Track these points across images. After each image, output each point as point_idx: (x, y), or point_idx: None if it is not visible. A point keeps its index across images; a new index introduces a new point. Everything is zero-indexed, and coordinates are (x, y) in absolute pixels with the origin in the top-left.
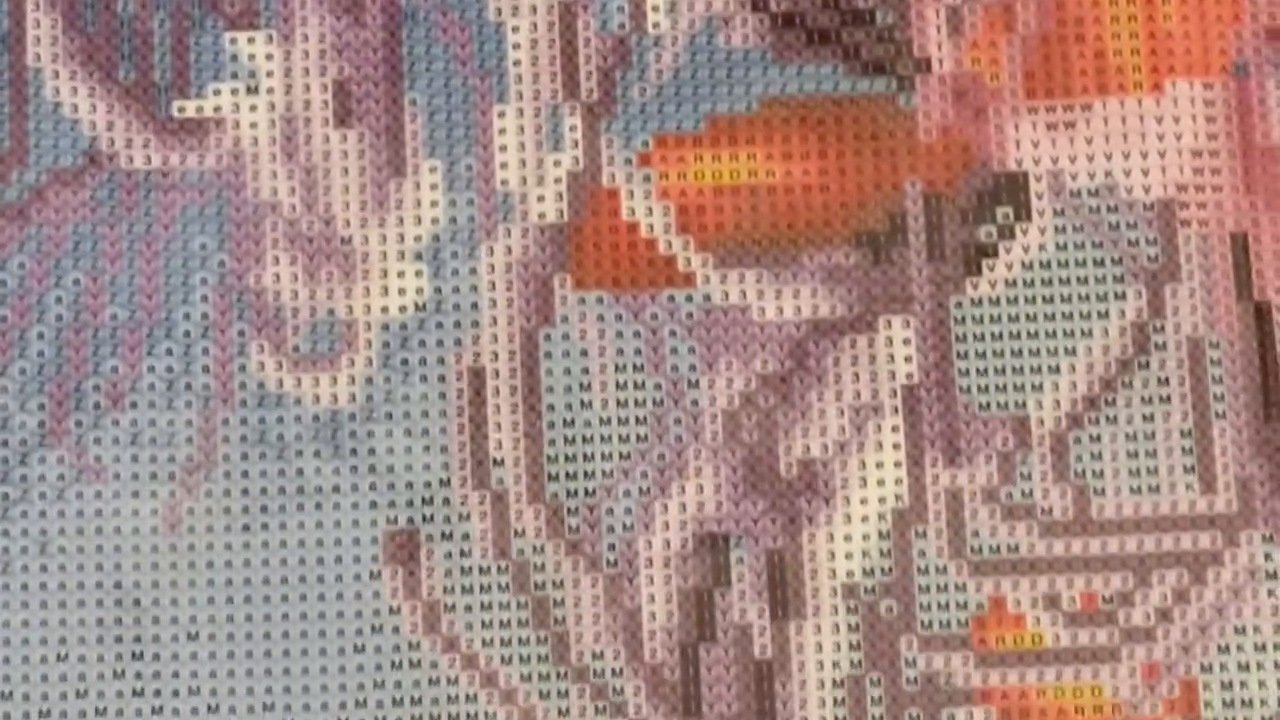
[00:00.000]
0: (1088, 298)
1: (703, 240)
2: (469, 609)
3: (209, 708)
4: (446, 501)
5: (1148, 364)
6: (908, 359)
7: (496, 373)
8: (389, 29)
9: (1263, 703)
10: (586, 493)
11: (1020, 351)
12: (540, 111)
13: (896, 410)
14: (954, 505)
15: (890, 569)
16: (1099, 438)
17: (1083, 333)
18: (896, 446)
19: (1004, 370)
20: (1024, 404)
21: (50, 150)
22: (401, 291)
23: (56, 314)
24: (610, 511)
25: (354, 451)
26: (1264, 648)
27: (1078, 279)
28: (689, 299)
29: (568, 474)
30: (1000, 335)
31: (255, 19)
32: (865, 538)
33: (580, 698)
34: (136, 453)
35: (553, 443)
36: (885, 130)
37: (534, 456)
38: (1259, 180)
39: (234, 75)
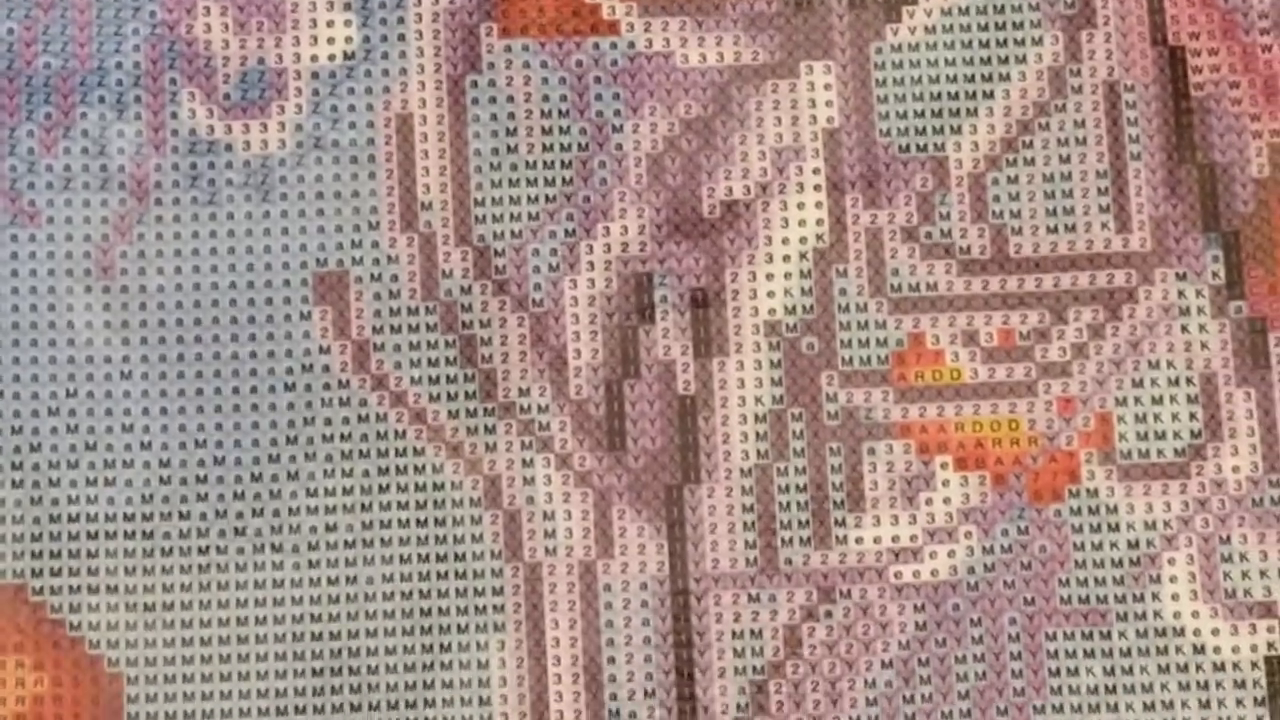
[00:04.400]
0: (1005, 43)
1: None
2: (397, 348)
3: (141, 444)
4: (375, 244)
5: (1064, 107)
6: (829, 103)
7: (424, 119)
8: None
9: (1175, 435)
10: (513, 234)
11: (939, 95)
12: None
13: (817, 153)
14: (874, 244)
15: (811, 306)
16: (1016, 179)
17: (1000, 77)
18: (818, 188)
19: (923, 113)
20: (943, 146)
21: None
22: (330, 40)
23: None
24: (536, 252)
25: (284, 196)
26: (1176, 382)
27: (996, 25)
28: (614, 46)
29: (494, 216)
30: (920, 80)
31: None
32: (787, 276)
33: (507, 433)
34: (70, 197)
35: (479, 186)
36: None
37: (461, 200)
38: None
39: None
